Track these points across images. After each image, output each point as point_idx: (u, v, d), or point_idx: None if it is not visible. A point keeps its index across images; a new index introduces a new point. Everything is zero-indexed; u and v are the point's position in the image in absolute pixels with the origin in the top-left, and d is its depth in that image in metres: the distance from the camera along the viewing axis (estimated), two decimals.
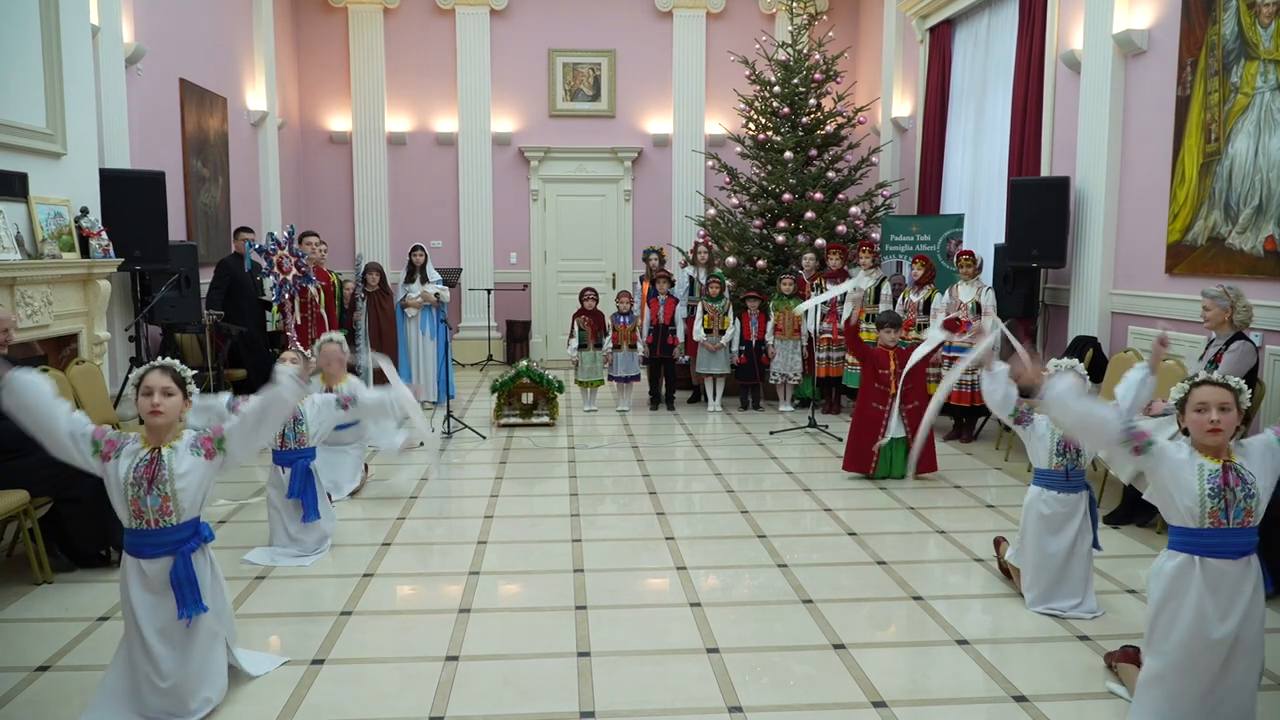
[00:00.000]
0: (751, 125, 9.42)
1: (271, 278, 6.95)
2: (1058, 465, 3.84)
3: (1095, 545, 3.88)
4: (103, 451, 2.96)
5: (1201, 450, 2.86)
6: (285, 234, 7.08)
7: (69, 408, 2.97)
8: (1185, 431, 2.89)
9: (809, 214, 8.71)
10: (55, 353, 5.75)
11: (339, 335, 5.47)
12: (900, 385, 5.97)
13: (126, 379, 6.61)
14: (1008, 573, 4.14)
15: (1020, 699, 3.15)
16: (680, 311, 8.48)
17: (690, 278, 8.79)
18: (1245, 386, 2.84)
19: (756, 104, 9.33)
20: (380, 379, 5.55)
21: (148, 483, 2.95)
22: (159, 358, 3.20)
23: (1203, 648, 2.80)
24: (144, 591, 2.98)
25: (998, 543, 4.34)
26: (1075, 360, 3.90)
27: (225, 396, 4.17)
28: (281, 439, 4.58)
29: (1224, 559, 2.80)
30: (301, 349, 5.24)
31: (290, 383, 3.15)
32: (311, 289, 7.39)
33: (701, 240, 9.09)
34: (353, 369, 5.66)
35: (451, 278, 9.45)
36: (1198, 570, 2.81)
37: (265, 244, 7.04)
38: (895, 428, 5.95)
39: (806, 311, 7.71)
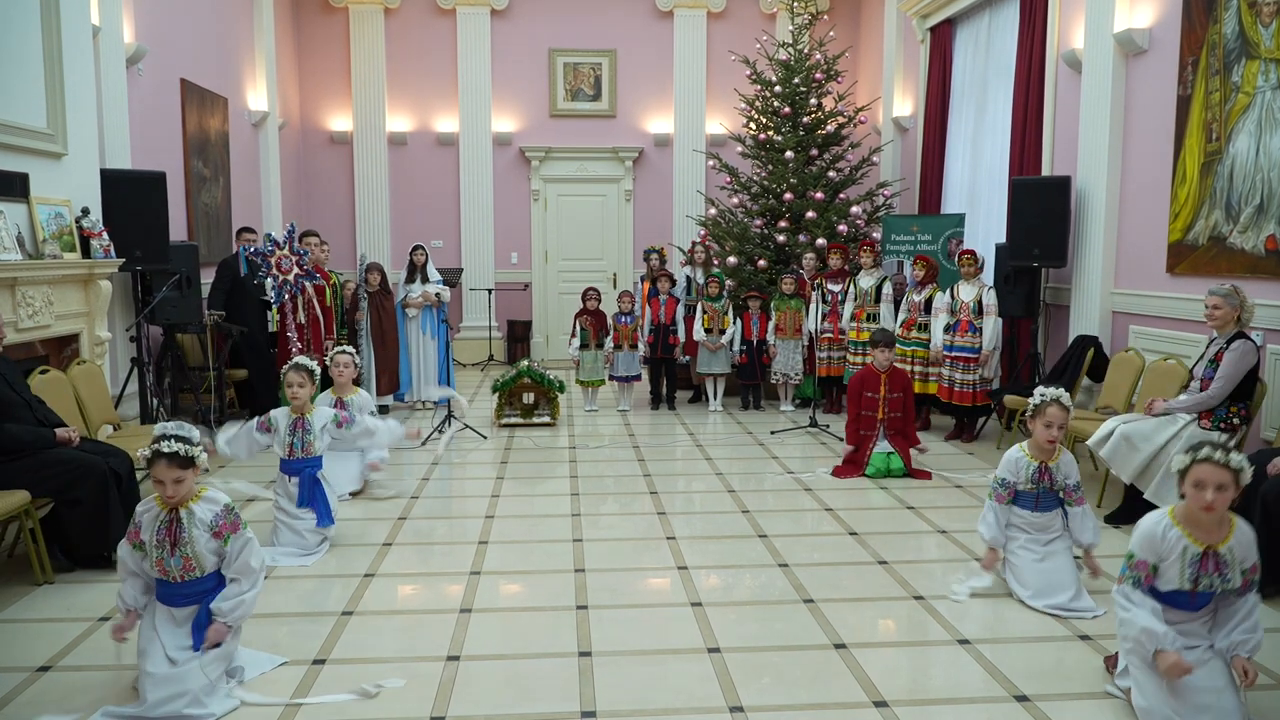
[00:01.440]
0: (752, 125, 9.42)
1: (271, 279, 6.95)
2: (1032, 489, 3.98)
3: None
4: (139, 543, 3.12)
5: (1189, 524, 2.93)
6: (285, 233, 7.08)
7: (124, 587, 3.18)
8: (1183, 496, 2.95)
9: (810, 213, 8.71)
10: (56, 353, 5.75)
11: (349, 349, 5.65)
12: (888, 411, 6.03)
13: (128, 380, 6.61)
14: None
15: (1021, 699, 3.15)
16: (680, 311, 8.48)
17: (687, 277, 8.80)
18: (1247, 465, 2.85)
19: (757, 104, 9.33)
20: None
21: (170, 545, 3.06)
22: (167, 415, 3.26)
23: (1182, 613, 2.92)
24: (170, 624, 3.11)
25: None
26: (1061, 390, 3.93)
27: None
28: (289, 449, 4.65)
29: (1190, 611, 2.96)
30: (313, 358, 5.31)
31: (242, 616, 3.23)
32: (310, 287, 7.38)
33: (699, 240, 9.10)
34: (357, 381, 5.75)
35: (452, 278, 9.46)
36: (1162, 611, 2.95)
37: (262, 246, 7.03)
38: (883, 447, 6.05)
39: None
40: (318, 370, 4.88)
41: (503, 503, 5.52)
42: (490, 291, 11.41)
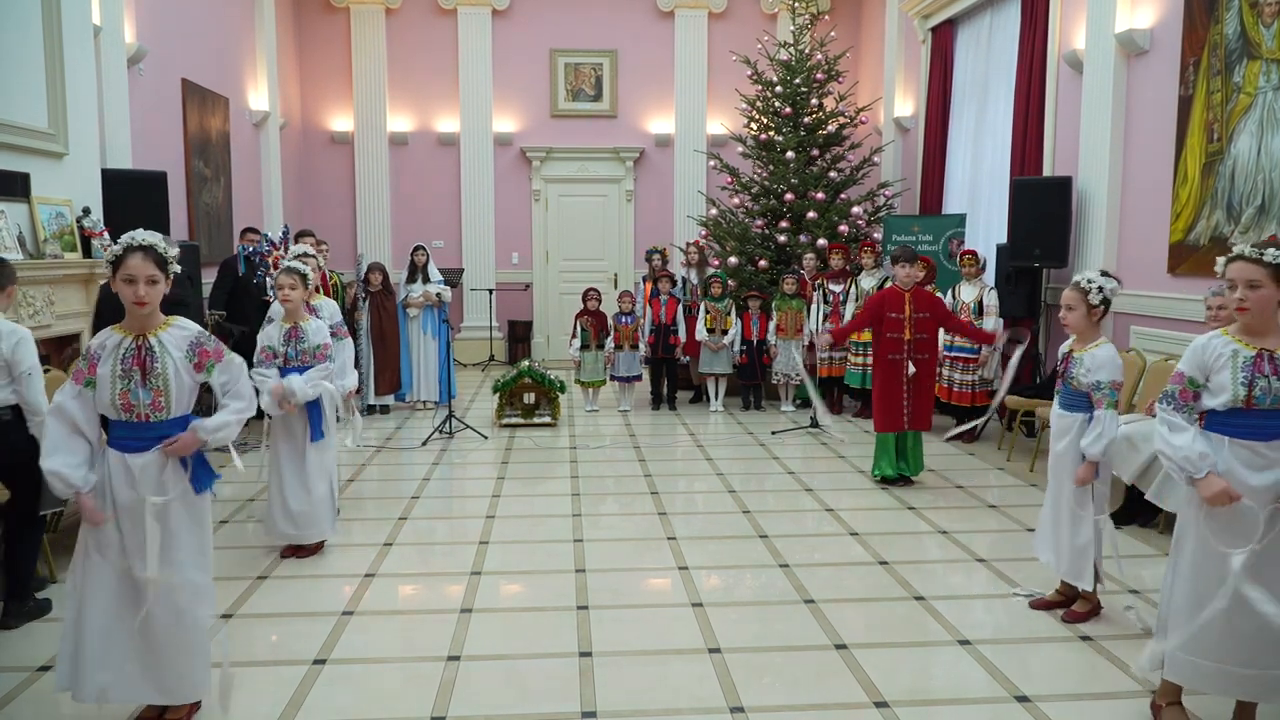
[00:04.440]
0: (753, 125, 9.42)
1: (269, 279, 6.95)
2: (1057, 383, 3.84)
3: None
4: (92, 379, 2.79)
5: (1240, 332, 2.81)
6: (281, 234, 7.08)
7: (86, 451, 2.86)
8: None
9: (811, 214, 8.71)
10: (57, 353, 5.75)
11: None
12: (914, 332, 5.73)
13: None
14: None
15: (1022, 699, 3.15)
16: (681, 311, 8.49)
17: (683, 278, 8.80)
18: None
19: (758, 104, 9.33)
20: None
21: (141, 374, 2.79)
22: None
23: (1244, 494, 2.72)
24: (127, 489, 2.82)
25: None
26: (1084, 275, 3.71)
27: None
28: (285, 359, 4.48)
29: (1256, 441, 2.75)
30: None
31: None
32: None
33: (693, 242, 9.11)
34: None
35: (453, 278, 9.45)
36: (1226, 446, 2.78)
37: (259, 246, 7.03)
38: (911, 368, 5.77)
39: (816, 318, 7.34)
40: (311, 275, 4.71)
41: (503, 503, 5.52)
42: (491, 292, 11.41)
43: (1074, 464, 3.71)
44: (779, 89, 9.12)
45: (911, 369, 5.76)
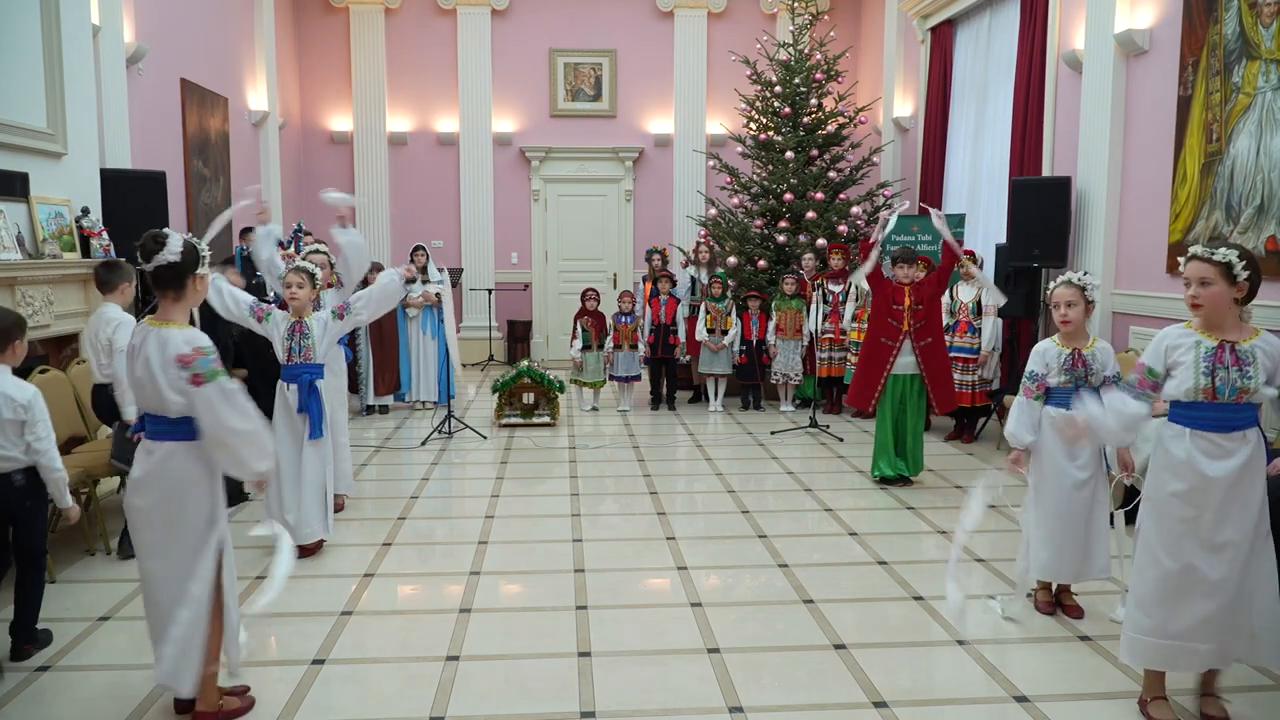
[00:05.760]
0: (753, 125, 9.42)
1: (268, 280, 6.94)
2: (1066, 383, 3.74)
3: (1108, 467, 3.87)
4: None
5: (1201, 327, 2.93)
6: (294, 232, 7.08)
7: None
8: None
9: (810, 214, 8.71)
10: (56, 353, 5.75)
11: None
12: (913, 322, 5.80)
13: None
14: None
15: (1021, 699, 3.15)
16: (682, 311, 8.49)
17: (692, 278, 8.80)
18: (1236, 259, 2.87)
19: (758, 104, 9.32)
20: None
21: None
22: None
23: (1201, 485, 2.86)
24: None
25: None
26: (1074, 273, 3.80)
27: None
28: (287, 353, 4.55)
29: (1217, 433, 2.87)
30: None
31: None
32: None
33: (703, 240, 9.10)
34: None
35: (452, 278, 9.45)
36: (1187, 436, 2.90)
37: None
38: (906, 364, 5.80)
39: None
40: (319, 274, 4.75)
41: (503, 503, 5.52)
42: (490, 291, 11.41)
43: (1100, 454, 3.82)
44: (778, 89, 9.12)
45: (905, 356, 5.79)
